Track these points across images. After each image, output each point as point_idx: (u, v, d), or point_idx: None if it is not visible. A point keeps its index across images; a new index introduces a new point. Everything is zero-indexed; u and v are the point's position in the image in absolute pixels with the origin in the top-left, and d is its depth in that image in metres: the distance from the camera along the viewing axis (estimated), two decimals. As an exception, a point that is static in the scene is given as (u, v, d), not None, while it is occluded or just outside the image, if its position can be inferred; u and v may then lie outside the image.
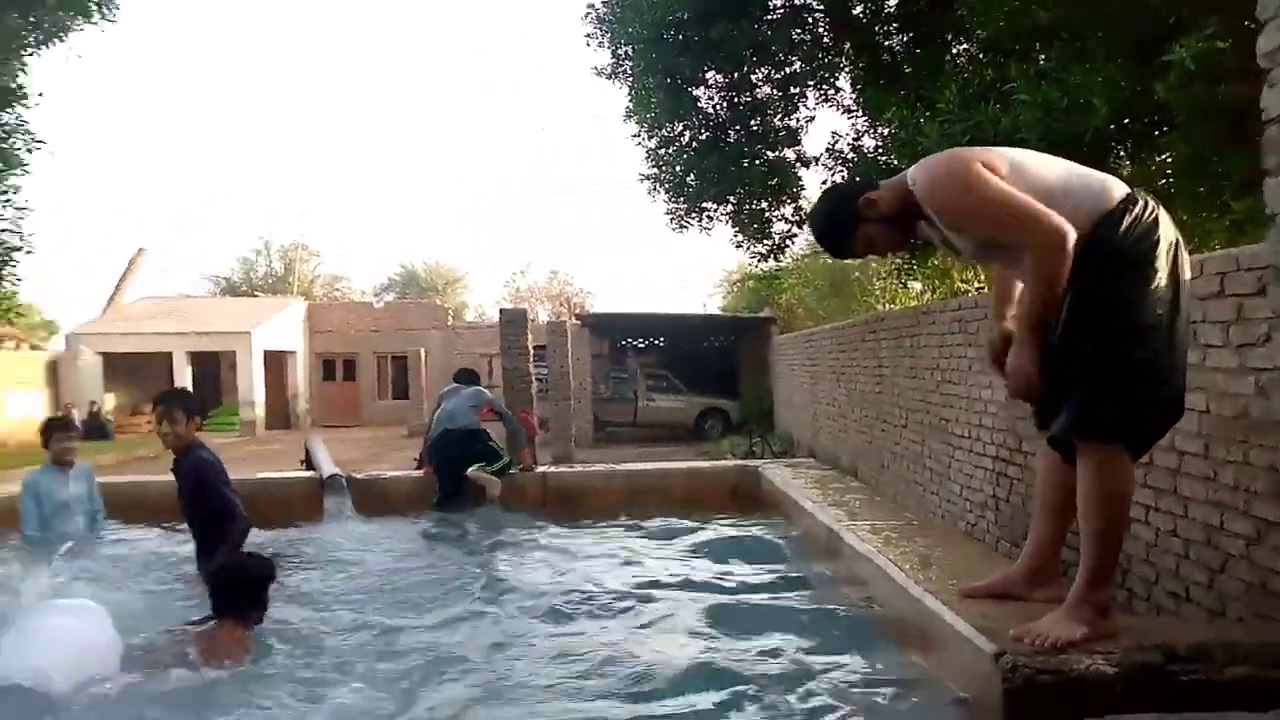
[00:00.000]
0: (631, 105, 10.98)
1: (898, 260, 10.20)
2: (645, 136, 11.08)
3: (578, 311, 31.86)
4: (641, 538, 5.32)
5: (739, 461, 7.62)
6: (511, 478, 6.29)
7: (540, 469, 6.67)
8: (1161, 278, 2.45)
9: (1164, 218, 2.54)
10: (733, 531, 5.19)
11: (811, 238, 21.04)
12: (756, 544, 4.81)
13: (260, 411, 25.17)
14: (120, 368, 24.85)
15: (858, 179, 9.65)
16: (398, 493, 6.26)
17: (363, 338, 28.37)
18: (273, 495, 6.25)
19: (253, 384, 25.04)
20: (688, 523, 5.46)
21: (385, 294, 46.86)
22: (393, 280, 49.24)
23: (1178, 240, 2.56)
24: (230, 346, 25.32)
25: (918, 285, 17.18)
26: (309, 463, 7.12)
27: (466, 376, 7.19)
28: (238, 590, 3.25)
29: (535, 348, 11.23)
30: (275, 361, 26.35)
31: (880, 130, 9.53)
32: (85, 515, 5.34)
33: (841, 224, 2.78)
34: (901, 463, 8.24)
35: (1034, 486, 3.19)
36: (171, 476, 4.54)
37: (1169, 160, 6.65)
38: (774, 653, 3.08)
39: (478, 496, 6.09)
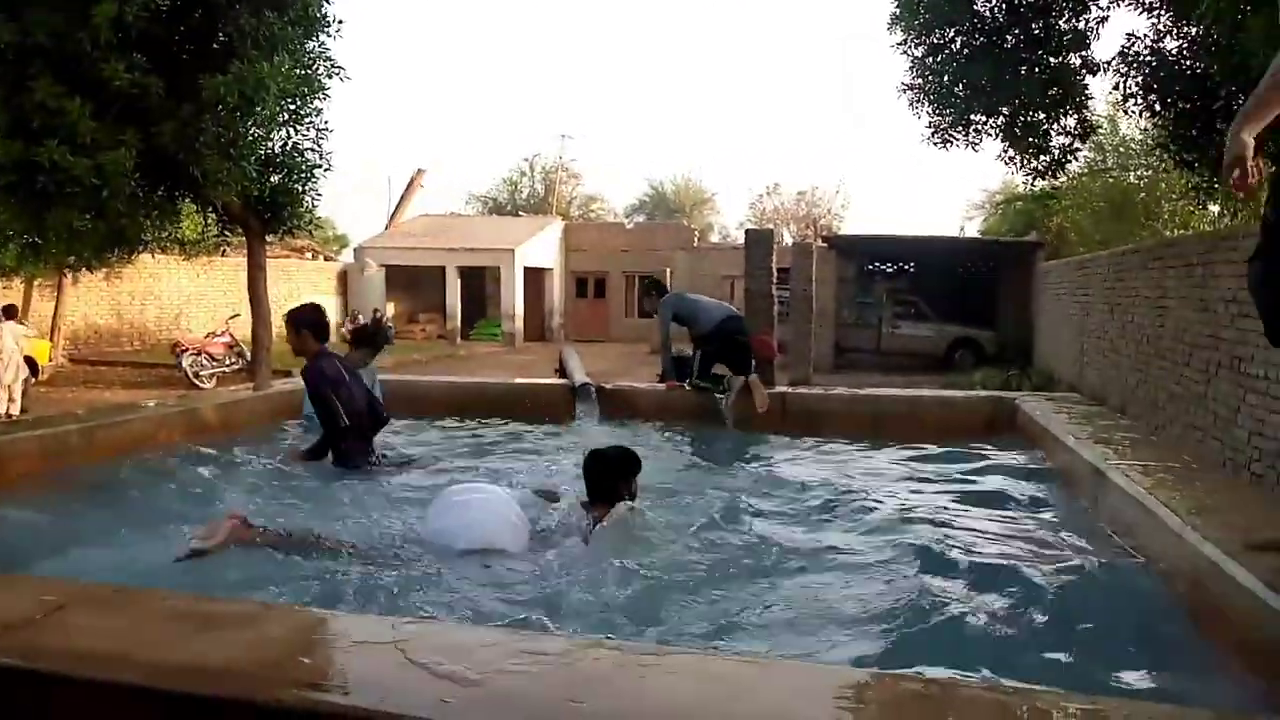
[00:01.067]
0: (898, 10, 10.30)
1: (1194, 179, 9.04)
2: (912, 44, 10.37)
3: (824, 233, 31.04)
4: (888, 463, 5.17)
5: (996, 392, 7.17)
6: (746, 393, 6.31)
7: (779, 389, 6.64)
8: None
9: None
10: (988, 462, 4.90)
11: (1087, 154, 19.20)
12: (1013, 477, 4.52)
13: (519, 324, 26.92)
14: (400, 279, 27.33)
15: (1154, 85, 8.59)
16: (643, 403, 6.47)
17: (613, 257, 29.31)
18: (530, 399, 6.70)
19: (514, 298, 26.75)
20: (937, 449, 5.25)
21: (636, 214, 47.94)
22: (643, 201, 50.15)
23: None
24: (496, 263, 27.08)
25: (1215, 209, 15.22)
26: (562, 371, 7.50)
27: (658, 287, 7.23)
28: (605, 475, 3.63)
29: (780, 270, 11.05)
30: (534, 278, 27.93)
31: (1187, 29, 8.36)
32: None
33: None
34: (1180, 404, 7.48)
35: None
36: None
37: None
38: (1025, 599, 2.86)
39: (739, 402, 6.19)
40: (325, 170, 9.00)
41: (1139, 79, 8.68)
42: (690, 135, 74.83)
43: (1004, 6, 9.61)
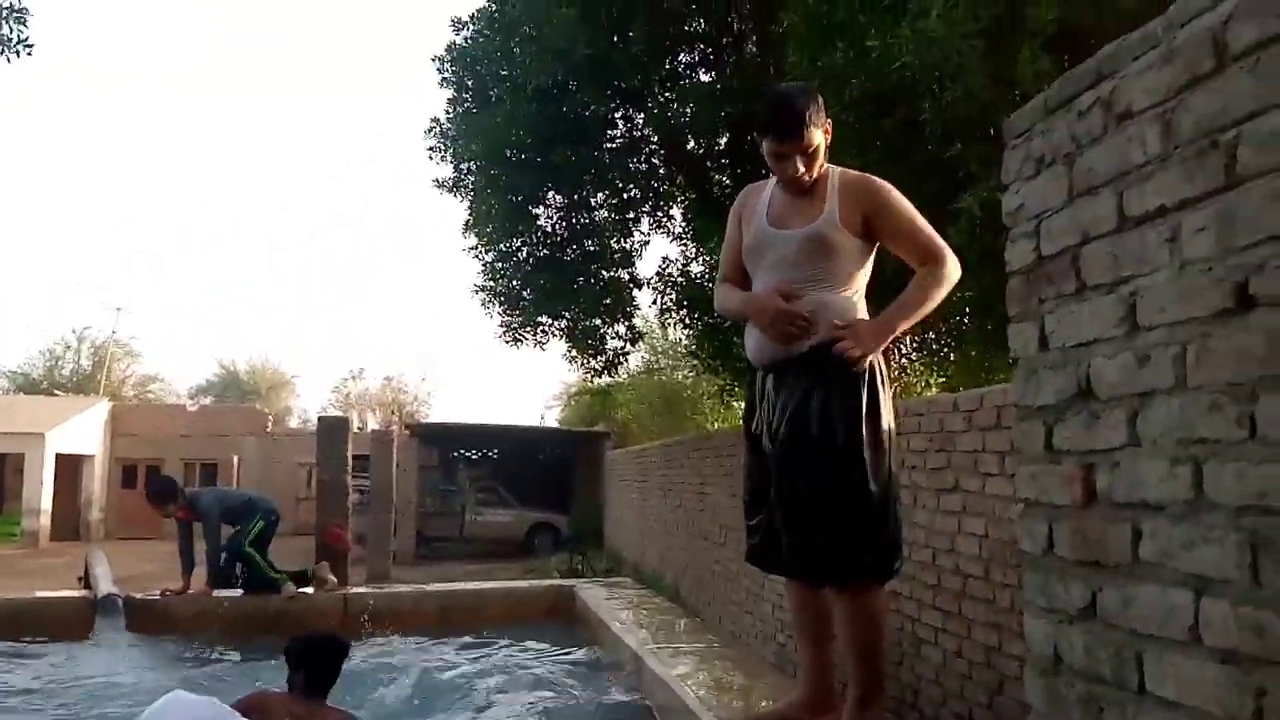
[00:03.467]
0: (471, 219, 11.05)
1: (720, 381, 10.50)
2: (483, 250, 11.12)
3: (408, 421, 30.98)
4: (448, 654, 5.09)
5: (556, 581, 7.46)
6: (310, 598, 5.91)
7: (342, 590, 6.30)
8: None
9: None
10: (540, 650, 5.02)
11: (644, 355, 21.58)
12: (565, 665, 4.66)
13: (46, 520, 22.81)
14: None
15: (685, 302, 9.97)
16: (181, 614, 5.72)
17: (171, 442, 26.40)
18: (39, 614, 5.63)
19: (41, 490, 22.74)
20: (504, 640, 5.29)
21: (203, 396, 44.26)
22: (211, 382, 46.57)
23: None
24: (19, 448, 23.02)
25: (741, 405, 17.72)
26: (88, 579, 6.48)
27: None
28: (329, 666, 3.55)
29: (358, 457, 10.77)
30: (69, 465, 24.12)
31: (705, 258, 9.93)
32: None
33: (809, 109, 2.63)
34: (721, 582, 8.28)
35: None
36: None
37: (962, 299, 7.22)
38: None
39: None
40: None
41: (672, 296, 10.07)
42: (270, 318, 71.83)
43: (564, 225, 10.73)
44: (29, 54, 9.84)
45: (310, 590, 6.15)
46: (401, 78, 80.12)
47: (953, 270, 2.65)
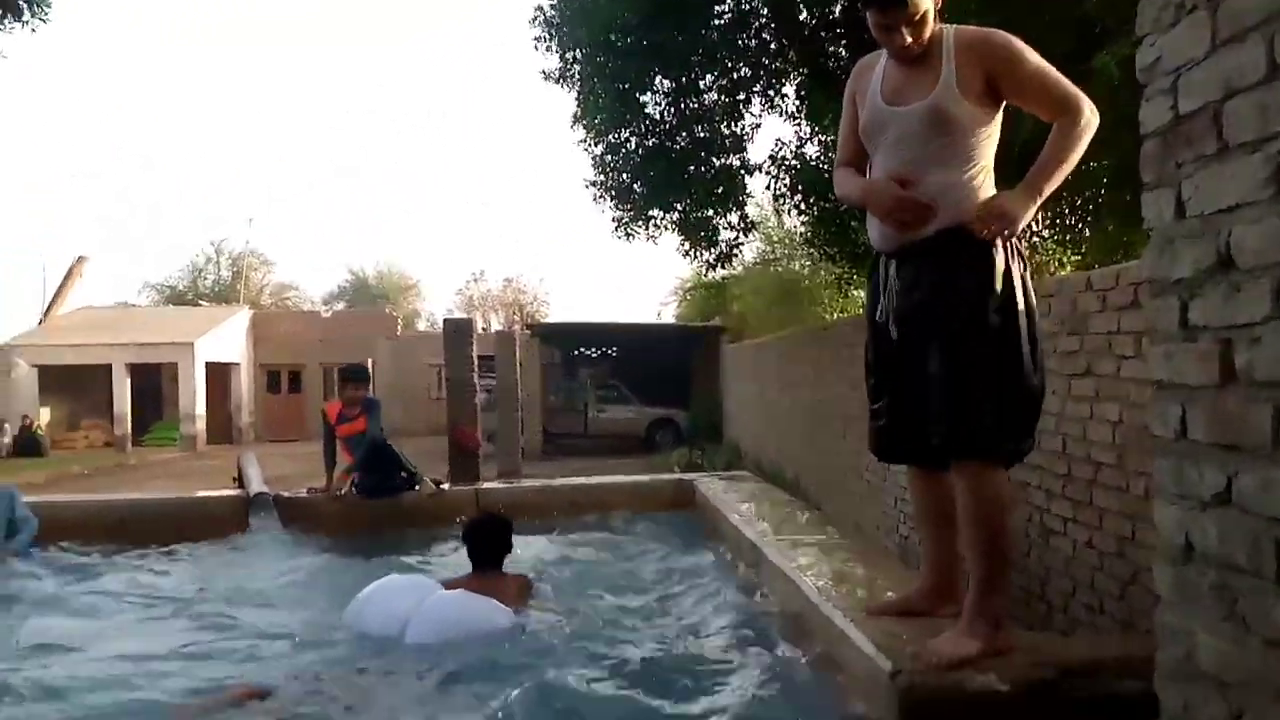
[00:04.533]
0: (579, 111, 10.93)
1: (838, 270, 10.24)
2: (592, 143, 11.02)
3: (529, 321, 31.67)
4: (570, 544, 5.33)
5: (677, 475, 7.58)
6: (441, 494, 6.20)
7: (473, 486, 6.59)
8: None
9: None
10: (661, 544, 5.18)
11: (759, 245, 21.23)
12: (686, 558, 4.79)
13: (201, 425, 24.52)
14: (57, 380, 24.16)
15: (800, 187, 9.68)
16: (328, 512, 6.09)
17: (309, 347, 27.77)
18: (201, 513, 6.10)
19: (195, 397, 24.40)
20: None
21: (335, 302, 46.19)
22: (343, 288, 48.52)
23: None
24: (172, 358, 24.65)
25: (861, 294, 17.31)
26: (241, 480, 6.95)
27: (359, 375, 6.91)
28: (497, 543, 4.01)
29: (483, 358, 11.08)
30: (219, 373, 25.75)
31: (821, 138, 9.57)
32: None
33: None
34: (841, 474, 8.27)
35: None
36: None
37: (1098, 168, 6.74)
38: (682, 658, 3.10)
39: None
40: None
41: (786, 180, 9.78)
42: (393, 221, 73.88)
43: (673, 111, 10.48)
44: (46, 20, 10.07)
45: (446, 486, 6.45)
46: (505, -26, 79.00)
47: (1092, 119, 2.44)
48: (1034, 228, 8.85)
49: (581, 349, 23.99)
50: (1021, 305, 2.43)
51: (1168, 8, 1.54)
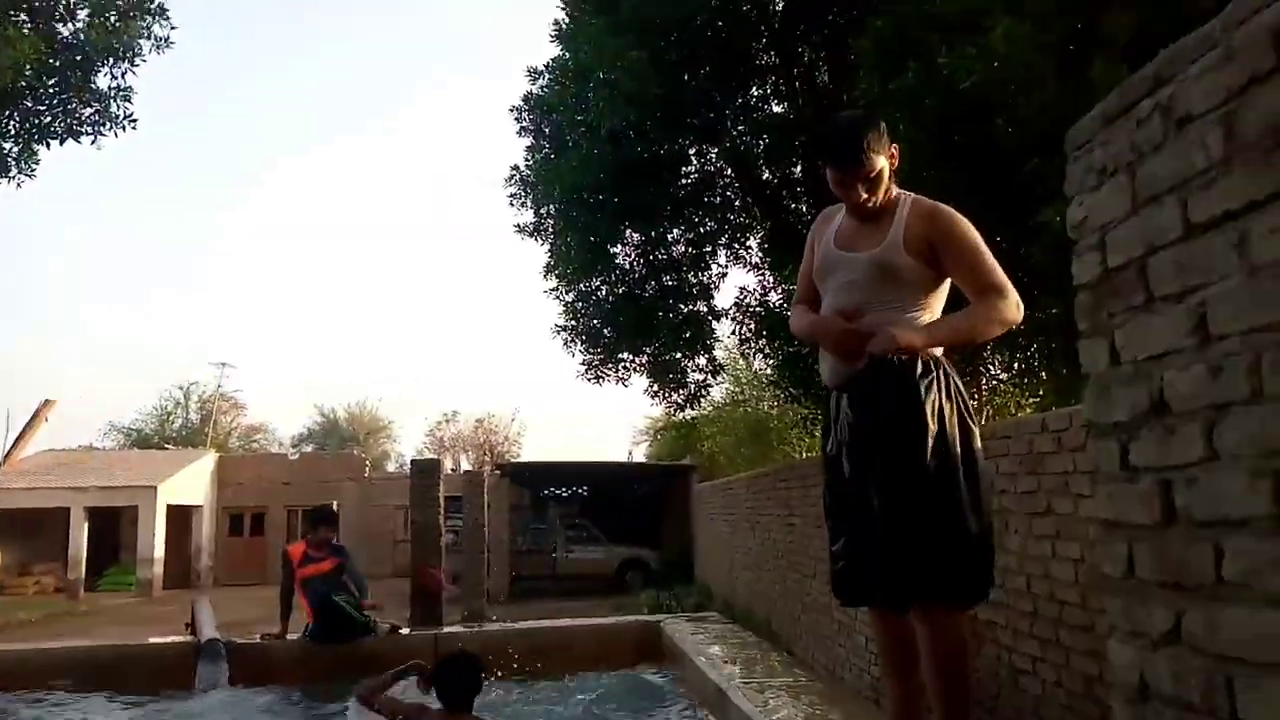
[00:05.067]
0: (551, 261, 11.27)
1: (804, 410, 10.38)
2: (564, 290, 11.33)
3: (498, 461, 31.44)
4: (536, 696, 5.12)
5: (643, 617, 7.44)
6: (404, 639, 6.03)
7: (433, 630, 6.42)
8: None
9: None
10: (627, 689, 5.02)
11: (727, 387, 21.49)
12: (652, 703, 4.64)
13: (159, 569, 23.81)
14: (11, 525, 23.44)
15: (765, 331, 9.92)
16: (282, 659, 5.88)
17: (274, 490, 27.34)
18: (144, 660, 5.87)
19: (154, 540, 23.79)
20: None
21: (305, 444, 45.72)
22: (313, 430, 48.13)
23: None
24: (133, 501, 24.13)
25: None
26: (194, 626, 6.72)
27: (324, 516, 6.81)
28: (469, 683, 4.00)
29: (450, 498, 10.97)
30: (180, 516, 25.17)
31: (783, 286, 9.89)
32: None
33: (869, 135, 2.64)
34: (811, 614, 8.13)
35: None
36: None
37: (1051, 316, 7.01)
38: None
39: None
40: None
41: (751, 326, 10.05)
42: (367, 364, 73.97)
43: (642, 262, 10.84)
44: (134, 128, 10.54)
45: (406, 630, 6.28)
46: (481, 129, 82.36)
47: (1008, 310, 2.56)
48: (992, 369, 9.10)
49: (551, 488, 23.76)
50: (958, 447, 2.49)
51: (1090, 172, 1.67)
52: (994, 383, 8.30)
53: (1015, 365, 8.25)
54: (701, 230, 10.94)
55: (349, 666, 5.73)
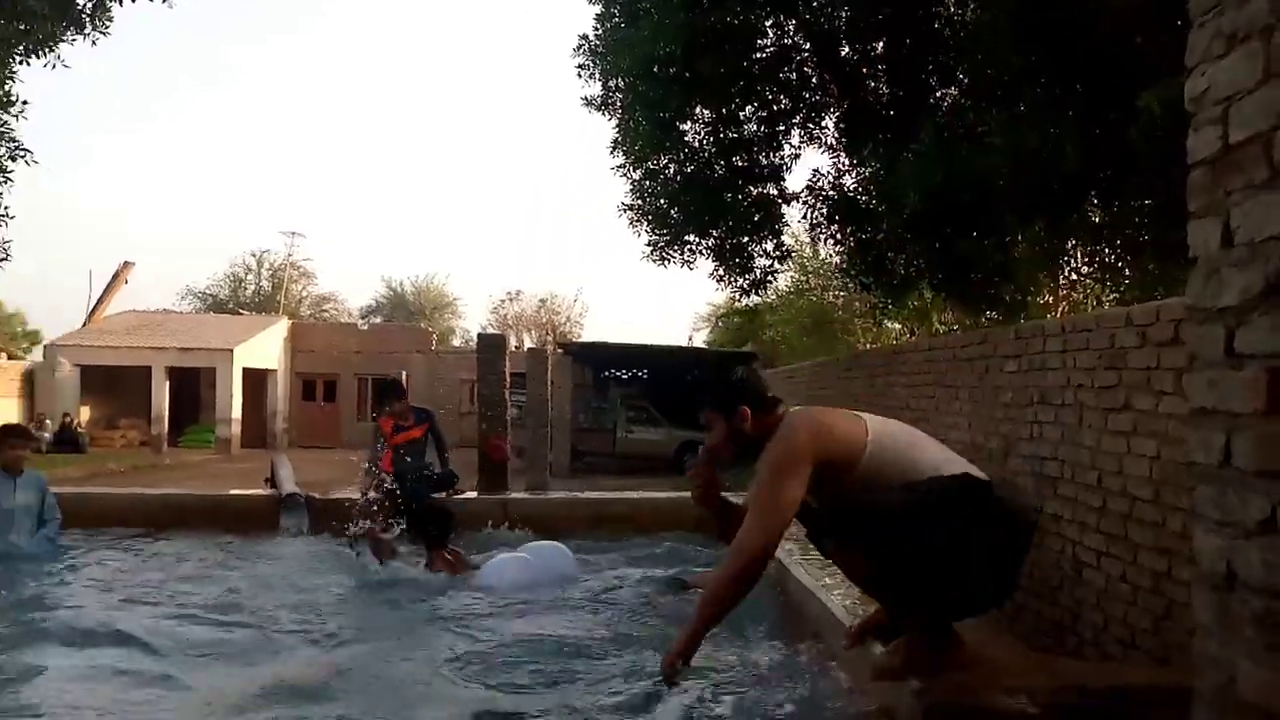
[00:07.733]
0: (619, 137, 11.02)
1: (874, 300, 10.22)
2: (630, 168, 11.10)
3: (560, 340, 31.82)
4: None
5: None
6: (474, 501, 6.26)
7: (500, 495, 6.65)
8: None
9: None
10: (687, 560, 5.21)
11: (793, 274, 21.24)
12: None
13: (237, 429, 24.96)
14: (98, 380, 24.65)
15: (837, 217, 9.69)
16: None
17: (345, 359, 28.18)
18: (229, 510, 6.22)
19: (231, 401, 24.86)
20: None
21: (373, 316, 46.75)
22: (380, 302, 49.11)
23: None
24: (211, 363, 25.13)
25: (895, 325, 17.23)
26: (273, 480, 7.05)
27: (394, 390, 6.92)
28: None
29: (515, 374, 11.16)
30: (255, 379, 26.17)
31: (860, 170, 9.59)
32: (32, 523, 5.25)
33: (716, 395, 2.92)
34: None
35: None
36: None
37: (1140, 206, 6.71)
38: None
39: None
40: (3, 260, 8.12)
41: (823, 210, 9.79)
42: (434, 239, 74.86)
43: (711, 140, 10.54)
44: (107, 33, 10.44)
45: (474, 494, 6.50)
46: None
47: (749, 556, 2.53)
48: (1073, 263, 8.79)
49: (612, 370, 24.04)
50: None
51: (1219, 38, 1.55)
52: (1074, 277, 8.04)
53: (1097, 260, 7.97)
54: (775, 108, 10.54)
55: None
